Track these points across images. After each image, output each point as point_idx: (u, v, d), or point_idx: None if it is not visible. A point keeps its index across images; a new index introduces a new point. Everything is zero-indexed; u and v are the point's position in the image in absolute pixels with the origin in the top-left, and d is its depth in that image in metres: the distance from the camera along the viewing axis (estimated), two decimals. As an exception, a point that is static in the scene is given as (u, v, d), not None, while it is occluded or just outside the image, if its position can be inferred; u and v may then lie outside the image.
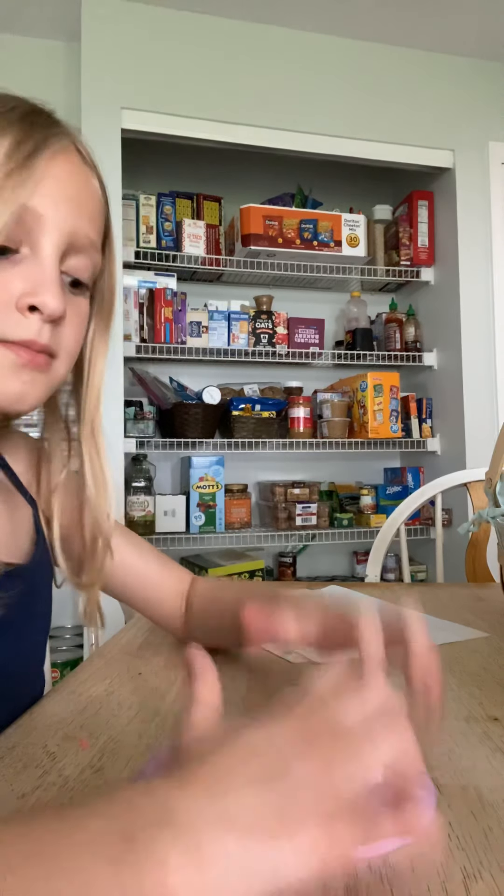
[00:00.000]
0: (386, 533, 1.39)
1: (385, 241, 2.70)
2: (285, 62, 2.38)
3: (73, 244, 0.51)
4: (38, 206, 0.48)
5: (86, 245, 0.52)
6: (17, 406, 0.51)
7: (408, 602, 0.98)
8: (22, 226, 0.48)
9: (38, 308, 0.48)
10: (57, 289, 0.49)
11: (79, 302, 0.54)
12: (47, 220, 0.49)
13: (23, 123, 0.49)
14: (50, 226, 0.49)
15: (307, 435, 2.51)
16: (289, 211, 2.46)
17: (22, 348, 0.49)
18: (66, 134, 0.52)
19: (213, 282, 2.71)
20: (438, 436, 2.64)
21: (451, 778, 0.43)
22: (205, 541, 2.38)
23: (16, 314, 0.48)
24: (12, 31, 2.35)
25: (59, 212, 0.49)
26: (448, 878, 0.32)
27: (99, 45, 2.20)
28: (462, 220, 2.50)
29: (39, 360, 0.50)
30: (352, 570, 2.85)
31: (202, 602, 0.69)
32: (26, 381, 0.50)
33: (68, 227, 0.50)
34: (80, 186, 0.51)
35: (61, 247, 0.50)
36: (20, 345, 0.49)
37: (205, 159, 2.62)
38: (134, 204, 2.38)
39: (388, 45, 2.47)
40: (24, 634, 0.59)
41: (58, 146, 0.50)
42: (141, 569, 0.70)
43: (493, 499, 0.75)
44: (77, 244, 0.51)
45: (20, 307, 0.48)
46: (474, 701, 0.57)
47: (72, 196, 0.50)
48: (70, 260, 0.52)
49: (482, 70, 2.56)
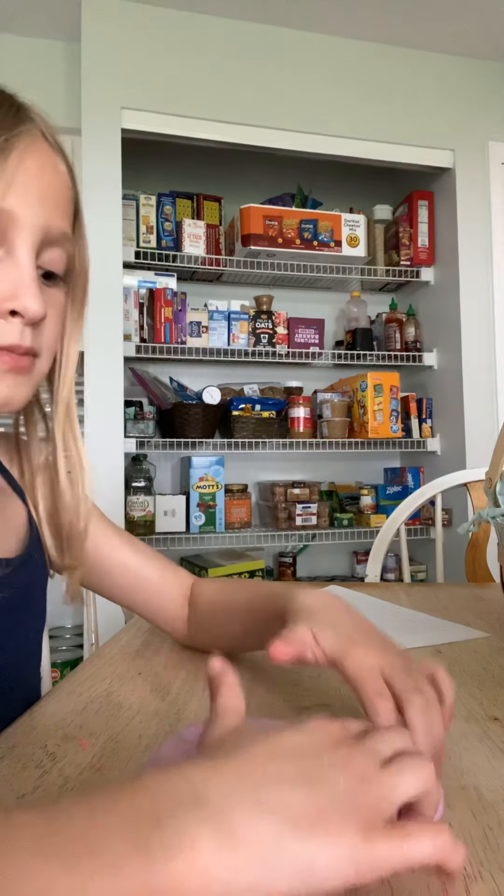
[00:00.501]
0: (386, 533, 1.39)
1: (385, 241, 2.70)
2: (285, 62, 2.38)
3: (47, 238, 0.50)
4: (11, 207, 0.47)
5: (59, 237, 0.51)
6: (2, 410, 0.51)
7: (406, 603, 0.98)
8: None
9: (18, 312, 0.47)
10: (36, 290, 0.48)
11: (54, 294, 0.53)
12: (20, 219, 0.47)
13: None
14: (23, 225, 0.47)
15: (307, 435, 2.51)
16: (289, 211, 2.46)
17: (5, 353, 0.48)
18: (32, 122, 0.49)
19: (213, 282, 2.71)
20: (438, 436, 2.64)
21: (451, 778, 0.43)
22: (205, 541, 2.38)
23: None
24: (12, 31, 2.35)
25: (31, 208, 0.48)
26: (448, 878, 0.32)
27: (99, 45, 2.20)
28: (462, 220, 2.50)
29: (23, 363, 0.50)
30: (352, 570, 2.85)
31: (208, 606, 0.68)
32: (11, 385, 0.50)
33: (42, 222, 0.49)
34: (50, 177, 0.49)
35: (36, 244, 0.49)
36: (3, 350, 0.48)
37: (205, 159, 2.62)
38: (134, 204, 2.38)
39: (388, 45, 2.47)
40: (16, 632, 0.59)
41: (27, 139, 0.48)
42: (140, 571, 0.69)
43: (493, 499, 0.75)
44: (50, 238, 0.50)
45: (0, 312, 0.47)
46: (474, 701, 0.57)
47: (43, 190, 0.49)
48: (44, 255, 0.50)
49: (482, 70, 2.56)
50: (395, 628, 0.81)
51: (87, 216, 0.57)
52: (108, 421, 2.15)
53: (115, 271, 2.17)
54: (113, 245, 2.16)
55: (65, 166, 0.52)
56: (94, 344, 2.12)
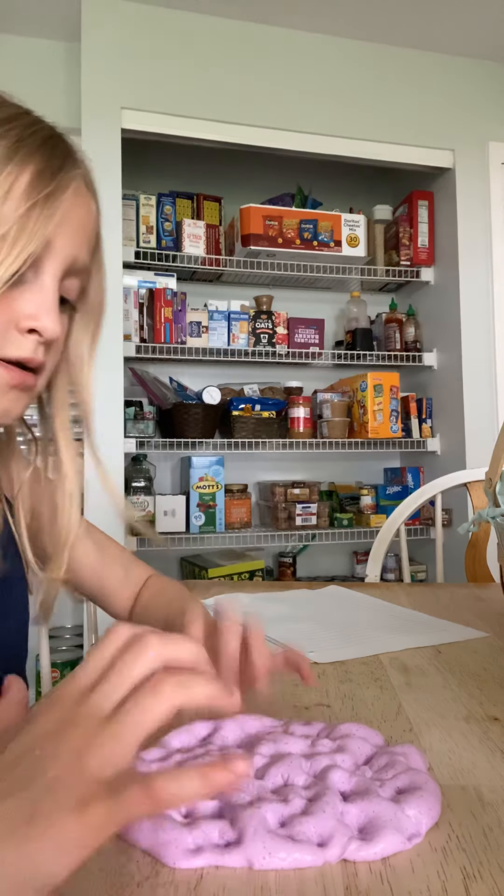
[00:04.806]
0: (386, 533, 1.39)
1: (385, 241, 2.70)
2: (285, 62, 2.38)
3: (71, 269, 0.54)
4: (53, 239, 0.51)
5: (80, 269, 0.55)
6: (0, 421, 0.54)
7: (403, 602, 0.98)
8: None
9: (37, 331, 0.51)
10: (56, 313, 0.52)
11: (63, 319, 0.56)
12: (56, 249, 0.52)
13: (43, 152, 0.50)
14: (57, 254, 0.52)
15: (307, 435, 2.51)
16: (289, 211, 2.46)
17: (14, 368, 0.51)
18: (80, 163, 0.55)
19: (213, 282, 2.71)
20: (438, 436, 2.64)
21: (451, 778, 0.43)
22: (205, 541, 2.38)
23: (15, 334, 0.51)
24: (12, 31, 2.35)
25: (65, 241, 0.52)
26: (448, 878, 0.32)
27: (99, 45, 2.20)
28: (462, 220, 2.50)
29: (29, 381, 0.53)
30: (352, 570, 2.85)
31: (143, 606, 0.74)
32: (12, 399, 0.53)
33: (71, 254, 0.53)
34: (84, 215, 0.54)
35: (62, 273, 0.53)
36: (14, 364, 0.51)
37: (205, 159, 2.62)
38: (134, 204, 2.38)
39: (388, 45, 2.47)
40: None
41: (79, 180, 0.53)
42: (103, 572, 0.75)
43: (493, 499, 0.75)
44: (74, 269, 0.54)
45: (21, 329, 0.51)
46: (474, 701, 0.57)
47: (77, 226, 0.53)
48: (64, 282, 0.54)
49: (482, 70, 2.56)
50: (395, 628, 0.81)
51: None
52: (108, 421, 2.15)
53: (115, 271, 2.16)
54: (113, 245, 2.16)
55: (95, 207, 0.57)
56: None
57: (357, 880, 0.32)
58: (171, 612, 0.66)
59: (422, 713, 0.54)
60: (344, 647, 0.73)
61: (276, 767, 0.40)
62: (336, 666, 0.67)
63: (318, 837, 0.34)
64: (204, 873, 0.32)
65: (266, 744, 0.43)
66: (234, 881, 0.32)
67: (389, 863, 0.33)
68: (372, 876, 0.32)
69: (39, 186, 0.49)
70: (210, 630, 0.51)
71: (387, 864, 0.33)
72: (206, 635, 0.50)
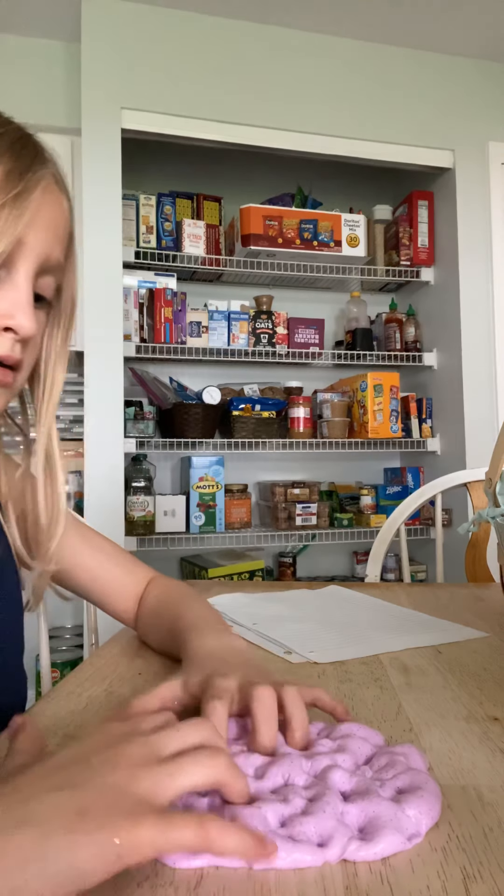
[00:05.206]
0: (386, 533, 1.39)
1: (385, 241, 2.70)
2: (285, 62, 2.38)
3: (45, 266, 0.55)
4: (24, 238, 0.52)
5: (54, 267, 0.56)
6: None
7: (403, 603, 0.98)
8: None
9: (12, 329, 0.52)
10: (31, 311, 0.53)
11: (40, 316, 0.57)
12: (28, 247, 0.53)
13: (12, 152, 0.51)
14: (29, 252, 0.53)
15: (307, 435, 2.51)
16: (289, 211, 2.46)
17: None
18: (49, 162, 0.55)
19: (213, 282, 2.71)
20: (438, 436, 2.64)
21: (451, 778, 0.43)
22: (205, 541, 2.38)
23: None
24: (12, 31, 2.35)
25: (37, 239, 0.53)
26: (448, 878, 0.32)
27: (99, 45, 2.20)
28: (462, 220, 2.50)
29: (7, 378, 0.54)
30: (352, 570, 2.85)
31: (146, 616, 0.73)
32: None
33: (44, 252, 0.54)
34: (55, 213, 0.55)
35: (36, 271, 0.54)
36: None
37: (205, 159, 2.62)
38: (134, 204, 2.38)
39: (388, 45, 2.47)
40: None
41: (48, 179, 0.54)
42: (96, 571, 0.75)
43: (493, 499, 0.75)
44: (47, 266, 0.55)
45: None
46: (474, 701, 0.57)
47: (48, 224, 0.54)
48: (39, 280, 0.55)
49: (482, 70, 2.56)
50: (395, 628, 0.81)
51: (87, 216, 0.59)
52: (108, 421, 2.15)
53: (115, 271, 2.16)
54: (113, 245, 2.16)
55: (67, 204, 0.58)
56: (94, 344, 2.12)
57: (357, 880, 0.32)
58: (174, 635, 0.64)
59: (422, 713, 0.54)
60: (344, 647, 0.73)
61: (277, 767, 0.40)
62: (336, 666, 0.67)
63: (318, 837, 0.34)
64: (204, 873, 0.32)
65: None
66: (234, 881, 0.32)
67: (389, 863, 0.33)
68: (372, 876, 0.32)
69: (7, 187, 0.50)
70: (243, 704, 0.45)
71: (387, 864, 0.33)
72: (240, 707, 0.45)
